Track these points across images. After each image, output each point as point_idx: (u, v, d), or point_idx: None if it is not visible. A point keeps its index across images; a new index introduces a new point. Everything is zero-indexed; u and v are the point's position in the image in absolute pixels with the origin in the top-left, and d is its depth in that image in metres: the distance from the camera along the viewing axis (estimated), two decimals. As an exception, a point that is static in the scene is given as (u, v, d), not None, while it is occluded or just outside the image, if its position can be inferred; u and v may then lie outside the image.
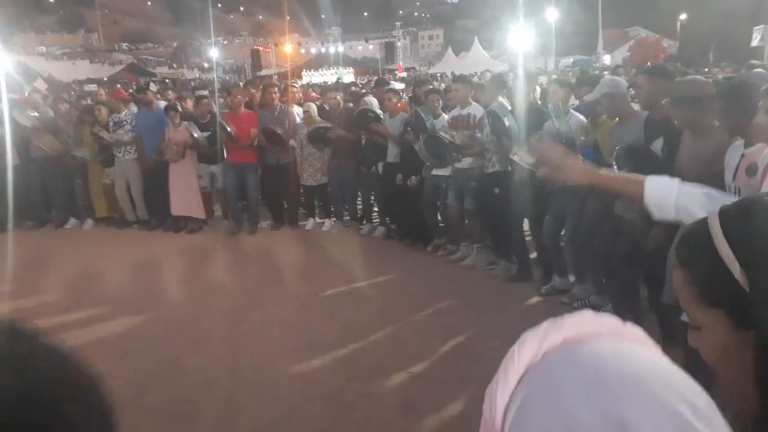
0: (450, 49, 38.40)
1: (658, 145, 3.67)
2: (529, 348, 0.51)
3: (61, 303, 5.43)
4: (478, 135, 5.55)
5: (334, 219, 7.53)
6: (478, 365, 3.87)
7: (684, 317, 2.71)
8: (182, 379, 3.95)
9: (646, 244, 3.58)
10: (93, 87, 17.20)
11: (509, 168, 5.22)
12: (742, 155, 2.77)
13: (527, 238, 5.54)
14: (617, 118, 4.26)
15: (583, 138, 4.62)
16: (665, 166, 3.28)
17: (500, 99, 5.65)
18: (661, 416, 0.42)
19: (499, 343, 4.21)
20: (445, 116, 6.07)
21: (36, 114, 8.21)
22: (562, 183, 2.13)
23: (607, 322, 0.53)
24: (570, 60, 29.38)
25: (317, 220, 7.65)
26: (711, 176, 2.78)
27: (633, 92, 4.93)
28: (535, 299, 5.07)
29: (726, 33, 23.90)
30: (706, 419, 0.43)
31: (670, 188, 1.61)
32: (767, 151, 2.59)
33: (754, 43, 20.27)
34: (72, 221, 8.18)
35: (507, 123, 5.03)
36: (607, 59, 29.15)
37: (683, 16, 33.99)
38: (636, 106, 4.27)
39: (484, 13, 59.30)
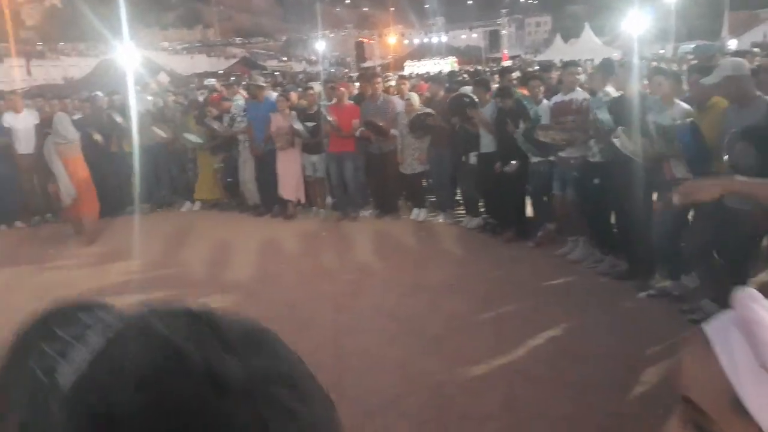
0: (558, 36, 37.00)
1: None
2: None
3: (171, 281, 5.85)
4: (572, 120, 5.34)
5: (433, 209, 7.53)
6: (582, 366, 3.73)
7: None
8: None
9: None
10: (212, 81, 18.26)
11: (612, 158, 4.91)
12: None
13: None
14: (732, 102, 3.95)
15: (678, 121, 4.25)
16: None
17: (608, 87, 5.36)
18: None
19: (603, 344, 4.02)
20: (546, 102, 5.86)
21: (150, 98, 9.23)
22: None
23: None
24: (691, 45, 27.38)
25: (418, 209, 7.68)
26: None
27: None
28: (641, 300, 4.76)
29: None
30: None
31: None
32: None
33: None
34: (187, 205, 8.80)
35: (599, 116, 4.81)
36: (733, 44, 26.87)
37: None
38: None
39: (595, -3, 56.58)
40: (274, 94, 8.50)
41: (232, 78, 23.99)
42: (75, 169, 7.29)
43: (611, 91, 5.30)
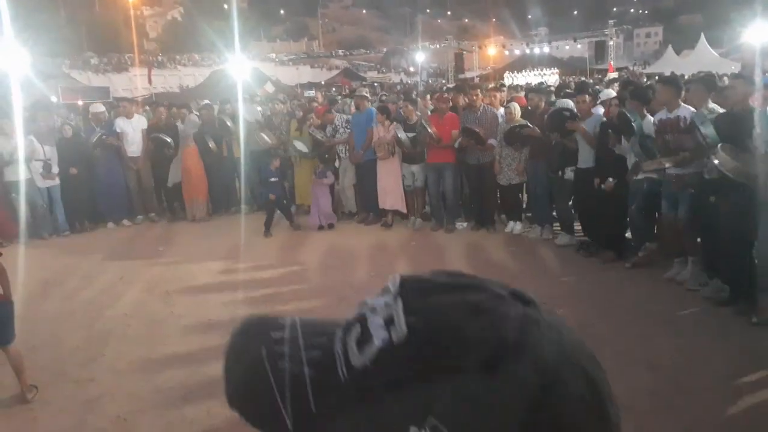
0: (670, 47, 35.15)
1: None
2: None
3: (267, 281, 6.09)
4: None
5: (529, 224, 7.40)
6: (687, 398, 3.50)
7: None
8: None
9: None
10: (311, 93, 18.90)
11: (724, 176, 4.62)
12: None
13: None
14: None
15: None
16: None
17: (710, 102, 5.10)
18: None
19: (710, 376, 3.76)
20: (650, 118, 5.61)
21: (260, 109, 9.81)
22: None
23: None
24: (822, 57, 25.09)
25: (513, 222, 7.55)
26: None
27: None
28: (749, 328, 4.44)
29: None
30: None
31: None
32: None
33: None
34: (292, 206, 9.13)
35: (703, 131, 4.61)
36: None
37: None
38: None
39: (712, 7, 53.37)
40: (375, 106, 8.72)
41: (333, 89, 24.71)
42: (188, 158, 8.89)
43: (715, 107, 5.03)
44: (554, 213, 7.28)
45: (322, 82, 33.84)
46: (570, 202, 6.93)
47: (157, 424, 3.58)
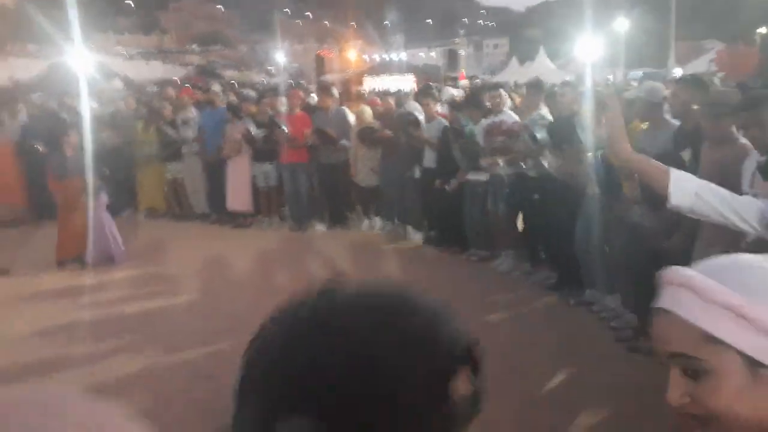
0: (514, 58, 37.91)
1: (686, 156, 3.63)
2: None
3: (116, 286, 5.71)
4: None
5: (383, 221, 7.66)
6: (519, 378, 3.81)
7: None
8: (229, 376, 4.01)
9: (671, 249, 3.63)
10: (155, 88, 17.84)
11: (548, 174, 5.18)
12: (757, 162, 2.88)
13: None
14: (645, 124, 4.30)
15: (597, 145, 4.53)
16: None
17: (541, 108, 5.65)
18: None
19: (538, 356, 4.13)
20: (484, 122, 6.08)
21: (96, 105, 9.15)
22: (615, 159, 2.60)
23: None
24: (639, 73, 28.45)
25: (370, 220, 7.74)
26: (727, 187, 2.82)
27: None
28: (572, 311, 4.97)
29: (809, 47, 22.63)
30: None
31: (691, 178, 2.00)
32: None
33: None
34: (127, 210, 8.63)
35: (538, 136, 5.11)
36: (678, 72, 28.05)
37: (763, 29, 32.40)
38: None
39: (550, 22, 58.39)
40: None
41: (186, 85, 23.57)
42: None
43: (545, 113, 5.55)
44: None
45: (176, 79, 32.25)
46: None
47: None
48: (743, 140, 3.24)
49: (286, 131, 7.30)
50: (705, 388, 0.74)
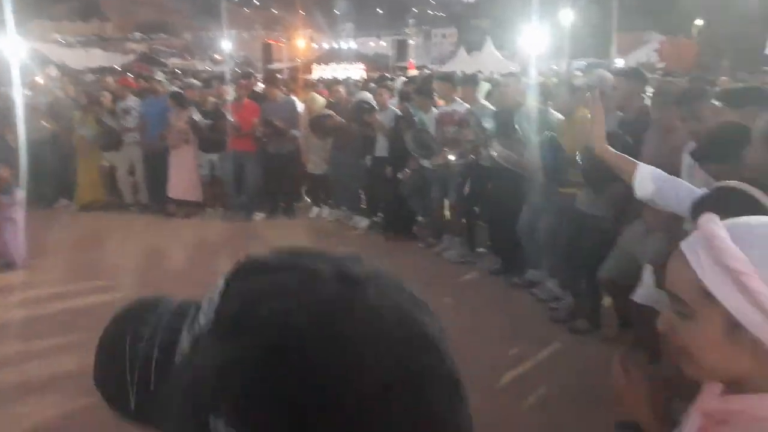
0: (462, 48, 38.21)
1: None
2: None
3: (50, 282, 5.51)
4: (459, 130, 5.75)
5: (333, 209, 7.63)
6: (463, 359, 3.86)
7: (638, 297, 2.87)
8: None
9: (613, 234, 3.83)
10: (93, 76, 17.14)
11: (499, 164, 5.24)
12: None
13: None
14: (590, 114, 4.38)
15: (545, 132, 4.66)
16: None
17: (481, 100, 5.87)
18: None
19: (480, 338, 4.22)
20: (435, 111, 6.15)
21: (29, 93, 8.60)
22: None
23: None
24: (583, 63, 29.13)
25: (321, 208, 7.71)
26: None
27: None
28: (510, 293, 5.14)
29: (742, 39, 23.69)
30: None
31: (653, 171, 2.18)
32: None
33: (768, 50, 20.06)
34: (63, 201, 8.33)
35: (485, 125, 5.20)
36: (620, 63, 28.87)
37: (699, 21, 33.69)
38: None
39: (498, 13, 59.07)
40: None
41: (129, 75, 22.81)
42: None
43: (486, 103, 5.67)
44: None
45: (117, 67, 31.15)
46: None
47: None
48: (684, 131, 3.35)
49: (232, 120, 7.12)
50: (686, 329, 0.84)
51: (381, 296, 0.44)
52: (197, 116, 7.32)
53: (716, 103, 3.12)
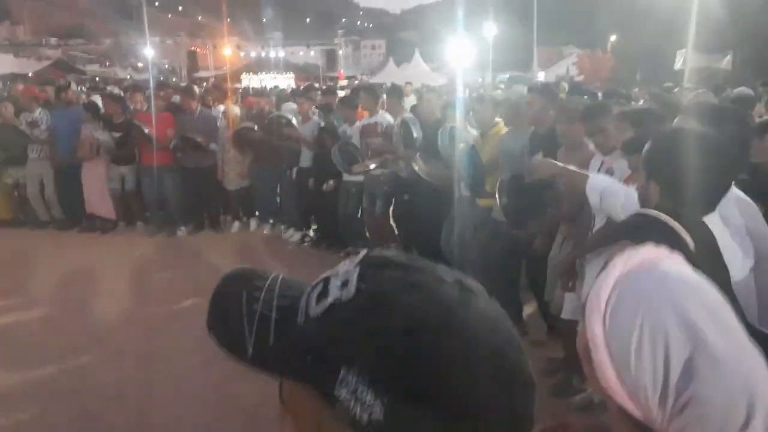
0: (392, 60, 38.68)
1: (538, 157, 3.89)
2: (618, 266, 0.74)
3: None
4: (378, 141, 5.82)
5: (259, 222, 7.48)
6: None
7: (565, 313, 2.98)
8: (91, 394, 3.74)
9: (533, 251, 3.99)
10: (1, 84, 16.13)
11: (418, 176, 5.31)
12: (602, 162, 3.28)
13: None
14: (506, 129, 4.58)
15: (462, 144, 4.78)
16: (541, 196, 3.61)
17: (404, 112, 5.90)
18: (710, 318, 0.68)
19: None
20: (359, 123, 6.15)
21: None
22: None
23: (664, 251, 0.77)
24: (506, 75, 30.07)
25: (242, 223, 7.52)
26: None
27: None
28: None
29: (654, 55, 25.10)
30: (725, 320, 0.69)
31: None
32: (621, 161, 2.98)
33: (677, 66, 21.28)
34: None
35: (415, 134, 5.20)
36: (541, 76, 29.99)
37: (614, 37, 35.50)
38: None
39: (425, 25, 60.21)
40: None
41: (39, 84, 21.65)
42: None
43: (410, 116, 5.75)
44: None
45: (30, 74, 29.52)
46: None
47: None
48: (591, 145, 3.48)
49: (147, 132, 6.85)
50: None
51: (487, 304, 0.56)
52: (100, 131, 6.98)
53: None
